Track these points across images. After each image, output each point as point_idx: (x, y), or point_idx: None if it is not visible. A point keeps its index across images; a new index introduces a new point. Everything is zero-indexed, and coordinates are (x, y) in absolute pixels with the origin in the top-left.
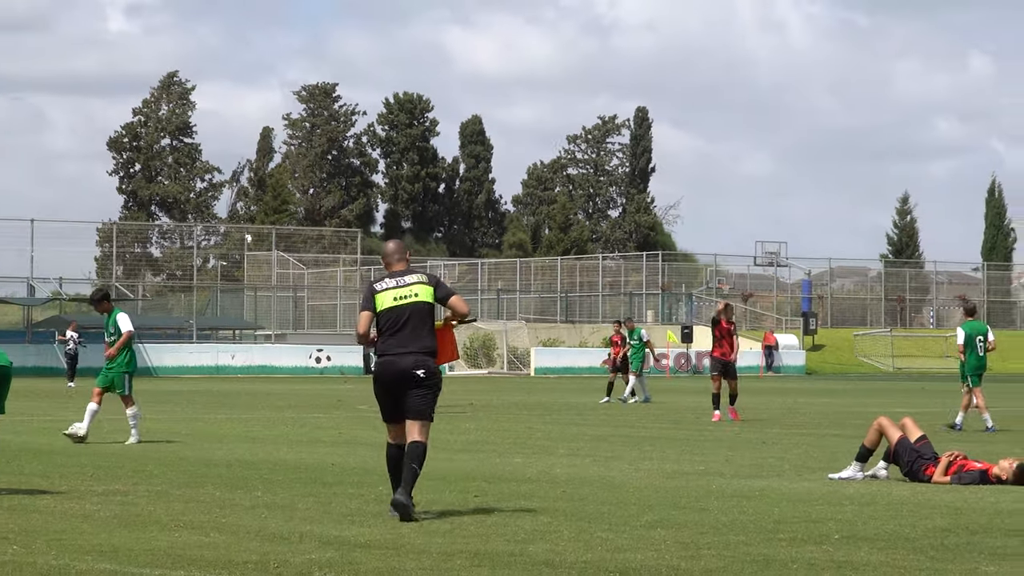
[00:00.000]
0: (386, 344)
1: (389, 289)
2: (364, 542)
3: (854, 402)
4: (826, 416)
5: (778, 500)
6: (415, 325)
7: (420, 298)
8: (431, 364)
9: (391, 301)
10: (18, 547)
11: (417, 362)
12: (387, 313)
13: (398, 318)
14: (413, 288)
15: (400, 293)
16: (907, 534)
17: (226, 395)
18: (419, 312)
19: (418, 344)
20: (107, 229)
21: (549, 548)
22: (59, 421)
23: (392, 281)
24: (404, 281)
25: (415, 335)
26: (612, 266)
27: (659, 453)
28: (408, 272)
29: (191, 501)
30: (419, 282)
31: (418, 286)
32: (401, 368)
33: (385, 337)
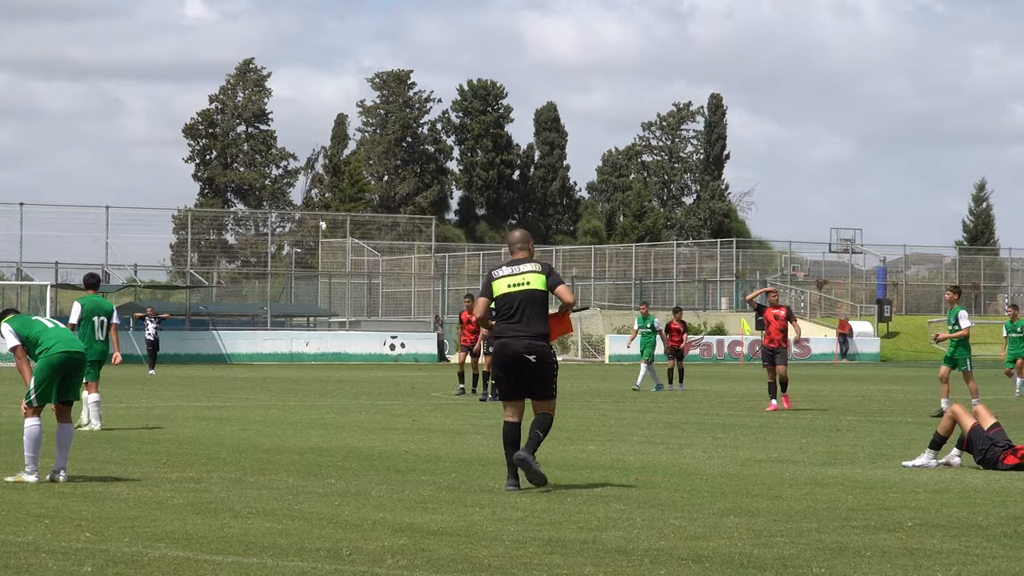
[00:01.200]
0: (501, 328)
1: (504, 276)
2: (436, 529)
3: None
4: (900, 403)
5: (851, 488)
6: (527, 311)
7: (532, 286)
8: (541, 348)
9: (505, 288)
10: (91, 534)
11: (530, 347)
12: (502, 299)
13: (512, 304)
14: (526, 276)
15: (514, 280)
16: (980, 522)
17: (300, 382)
18: (531, 298)
19: (530, 329)
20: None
21: (622, 535)
22: (135, 408)
23: (508, 269)
24: (519, 269)
25: (527, 320)
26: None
27: (732, 440)
28: (526, 261)
29: (264, 488)
30: (532, 271)
31: (531, 275)
32: (514, 351)
33: (501, 321)
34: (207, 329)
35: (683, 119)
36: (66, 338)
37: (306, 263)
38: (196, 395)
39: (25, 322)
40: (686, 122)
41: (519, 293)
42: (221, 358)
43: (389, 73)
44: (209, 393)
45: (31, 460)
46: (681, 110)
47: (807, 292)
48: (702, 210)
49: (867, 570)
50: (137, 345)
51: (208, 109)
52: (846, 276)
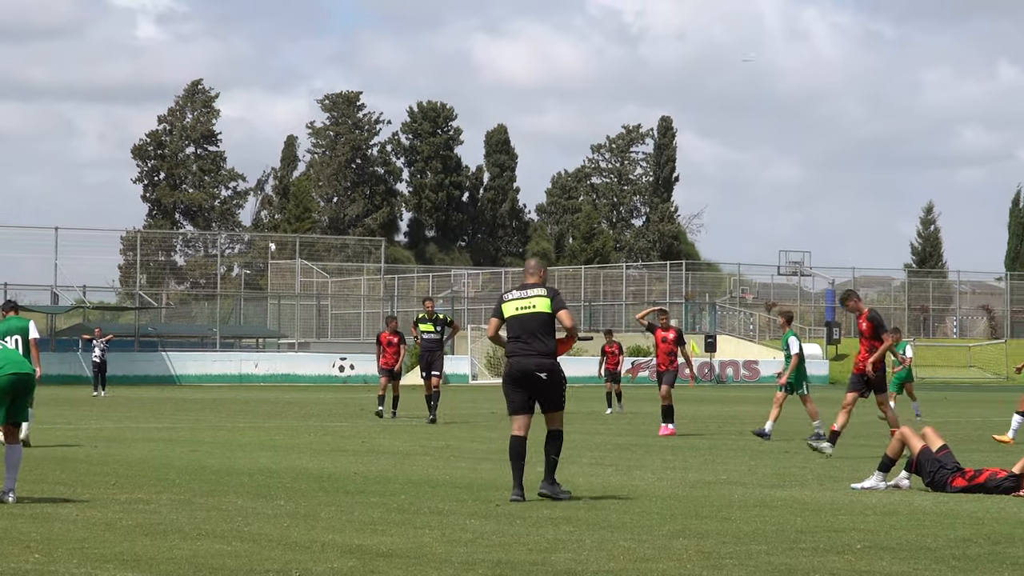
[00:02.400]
0: (512, 347)
1: (513, 300)
2: (386, 551)
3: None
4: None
5: (800, 510)
6: (534, 331)
7: (538, 308)
8: (550, 365)
9: (514, 310)
10: (40, 555)
11: (540, 364)
12: (512, 320)
13: (520, 325)
14: (533, 300)
15: (521, 304)
16: (929, 544)
17: (249, 403)
18: (538, 320)
19: (538, 348)
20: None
21: (571, 557)
22: (83, 429)
23: (518, 292)
24: (528, 293)
25: (535, 340)
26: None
27: (681, 462)
28: (536, 286)
29: (213, 509)
30: (539, 295)
31: (537, 299)
32: (524, 368)
33: (511, 341)
34: (156, 350)
35: (632, 141)
36: (14, 359)
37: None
38: (145, 416)
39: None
40: (636, 144)
41: (527, 315)
42: (170, 379)
43: (339, 95)
44: (158, 414)
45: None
46: (631, 132)
47: (756, 314)
48: (651, 232)
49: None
50: (85, 366)
51: (157, 130)
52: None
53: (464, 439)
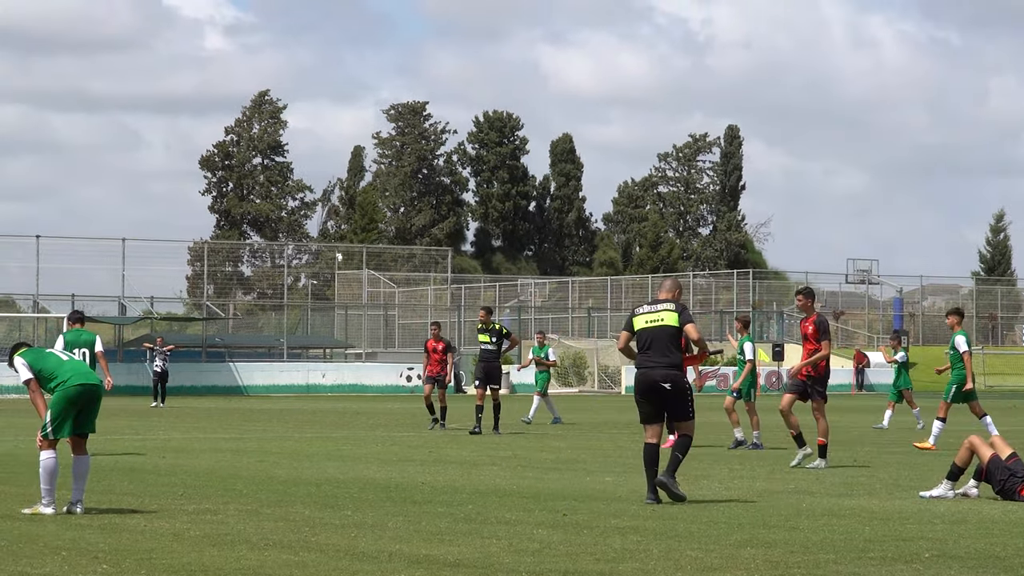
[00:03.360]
0: (641, 359)
1: (643, 314)
2: (453, 561)
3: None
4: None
5: (869, 519)
6: (661, 344)
7: (665, 322)
8: (675, 376)
9: (643, 324)
10: (108, 566)
11: (666, 376)
12: (641, 333)
13: (648, 338)
14: (661, 314)
15: (650, 318)
16: (998, 553)
17: (316, 413)
18: (665, 333)
19: (664, 360)
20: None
21: (639, 567)
22: (150, 440)
23: (648, 307)
24: (657, 308)
25: (662, 352)
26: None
27: (749, 472)
28: (665, 301)
29: (280, 520)
30: (668, 309)
31: (665, 313)
32: (652, 379)
33: (640, 353)
34: (223, 361)
35: (699, 150)
36: (82, 371)
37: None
38: (212, 427)
39: (39, 356)
40: (702, 153)
41: (655, 328)
42: (237, 390)
43: (405, 105)
44: (225, 425)
45: (47, 492)
46: (697, 141)
47: None
48: (718, 241)
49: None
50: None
51: (224, 141)
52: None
53: (532, 449)
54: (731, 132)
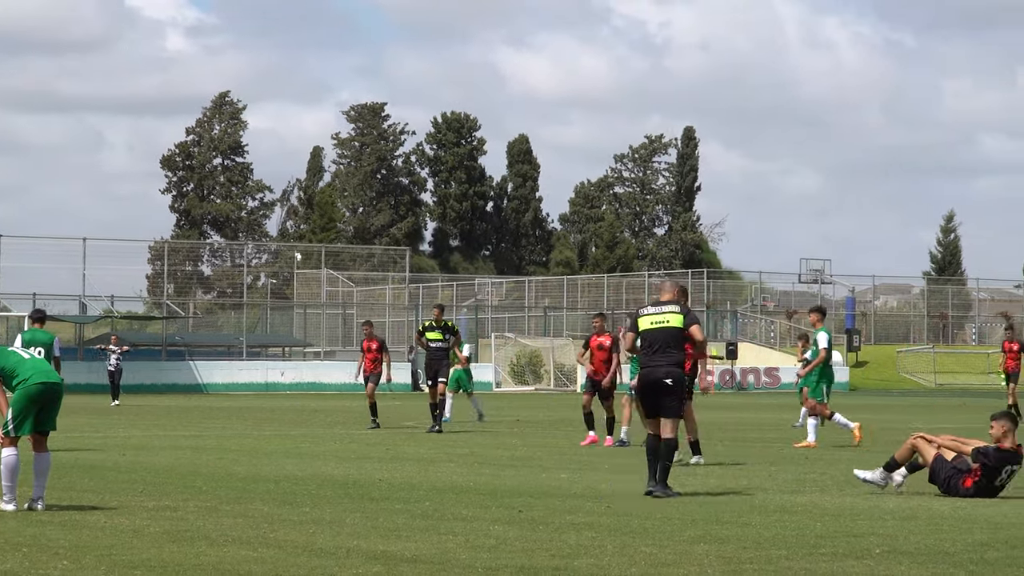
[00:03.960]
0: (645, 359)
1: (649, 315)
2: (410, 557)
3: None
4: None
5: (820, 515)
6: (666, 344)
7: (671, 324)
8: (677, 373)
9: (648, 325)
10: (68, 562)
11: (668, 373)
12: (645, 334)
13: (653, 338)
14: (666, 316)
15: (656, 319)
16: (947, 548)
17: (275, 411)
18: (670, 334)
19: (668, 359)
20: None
21: (593, 563)
22: (111, 438)
23: (653, 309)
24: (662, 310)
25: (666, 352)
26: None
27: (702, 469)
28: (670, 303)
29: (239, 516)
30: (673, 311)
31: (671, 315)
32: (655, 377)
33: (644, 353)
34: (183, 359)
35: (655, 151)
36: (43, 369)
37: (281, 294)
38: (172, 424)
39: (0, 354)
40: (658, 154)
41: (660, 330)
42: (197, 388)
43: (364, 106)
44: (185, 423)
45: (8, 489)
46: (653, 142)
47: (777, 322)
48: (673, 241)
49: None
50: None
51: (185, 141)
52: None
53: (488, 446)
54: (688, 133)
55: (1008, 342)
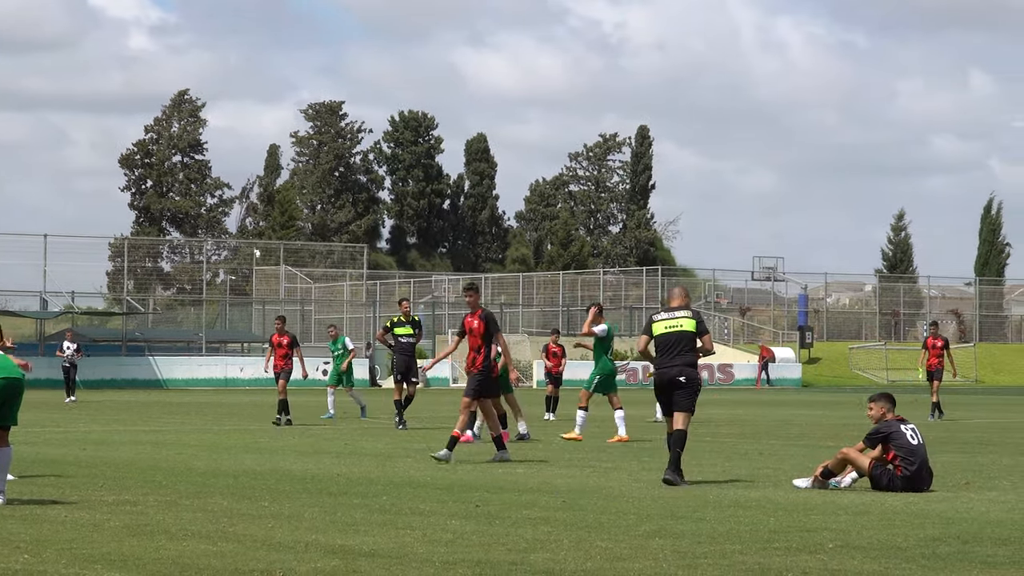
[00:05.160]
0: (660, 360)
1: (663, 320)
2: (368, 551)
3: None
4: (821, 428)
5: (773, 510)
6: (680, 346)
7: (684, 328)
8: (691, 372)
9: (663, 329)
10: (29, 556)
11: (682, 371)
12: (660, 337)
13: (667, 341)
14: (680, 320)
15: (669, 324)
16: (899, 543)
17: (234, 407)
18: (684, 337)
19: (681, 360)
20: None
21: (549, 557)
22: (71, 432)
23: (666, 314)
24: (675, 315)
25: (680, 353)
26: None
27: (658, 464)
28: (681, 308)
29: (199, 511)
30: (685, 316)
31: (684, 320)
32: (670, 376)
33: (659, 355)
34: (143, 355)
35: (610, 150)
36: (4, 364)
37: (241, 290)
38: (132, 419)
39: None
40: (613, 153)
41: (674, 333)
42: (157, 383)
43: (322, 104)
44: (145, 418)
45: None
46: (608, 141)
47: (730, 319)
48: (628, 239)
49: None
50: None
51: (144, 139)
52: (768, 303)
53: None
54: (642, 132)
55: (932, 338)
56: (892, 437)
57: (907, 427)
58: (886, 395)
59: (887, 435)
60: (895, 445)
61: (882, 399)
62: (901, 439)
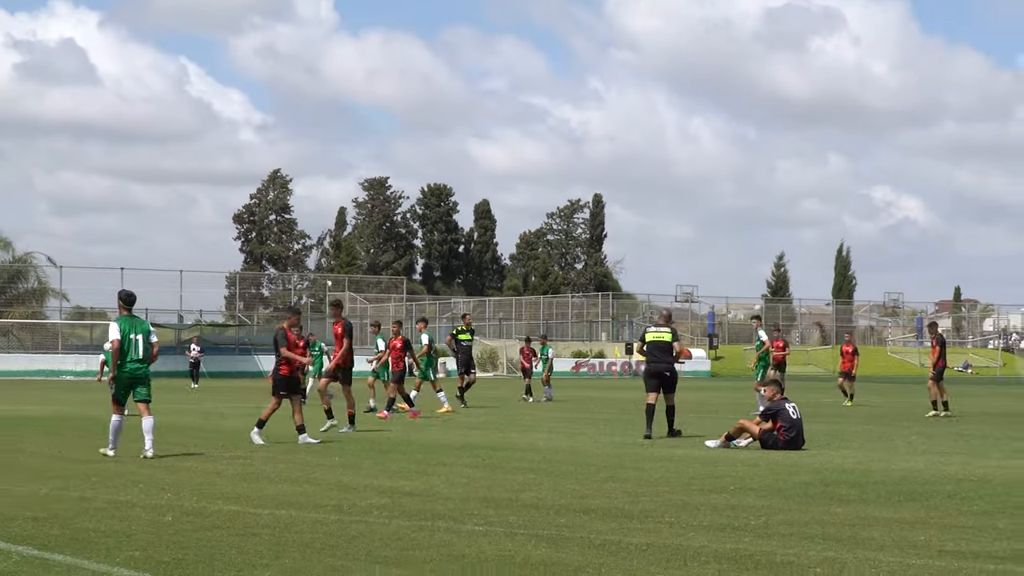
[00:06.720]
0: (650, 359)
1: (653, 332)
2: (408, 491)
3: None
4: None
5: (692, 462)
6: (663, 350)
7: (665, 338)
8: (670, 368)
9: (652, 337)
10: (171, 495)
11: (666, 367)
12: (651, 344)
13: (656, 346)
14: (663, 334)
15: (656, 335)
16: (781, 486)
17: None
18: (666, 344)
19: (666, 358)
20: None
21: (534, 495)
22: (199, 409)
23: (655, 328)
24: (660, 329)
25: (664, 355)
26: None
27: (610, 430)
28: (663, 326)
29: (290, 463)
30: (666, 331)
31: (666, 333)
32: (658, 369)
33: (649, 354)
34: (249, 354)
35: (575, 210)
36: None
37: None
38: (241, 399)
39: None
40: (577, 212)
41: (659, 341)
42: (259, 374)
43: (374, 179)
44: (250, 398)
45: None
46: (573, 204)
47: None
48: (588, 272)
49: (702, 519)
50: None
51: (249, 203)
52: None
53: (460, 414)
54: (597, 198)
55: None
56: (779, 413)
57: (790, 404)
58: (776, 382)
59: (776, 412)
60: (780, 418)
61: (773, 385)
62: (785, 414)
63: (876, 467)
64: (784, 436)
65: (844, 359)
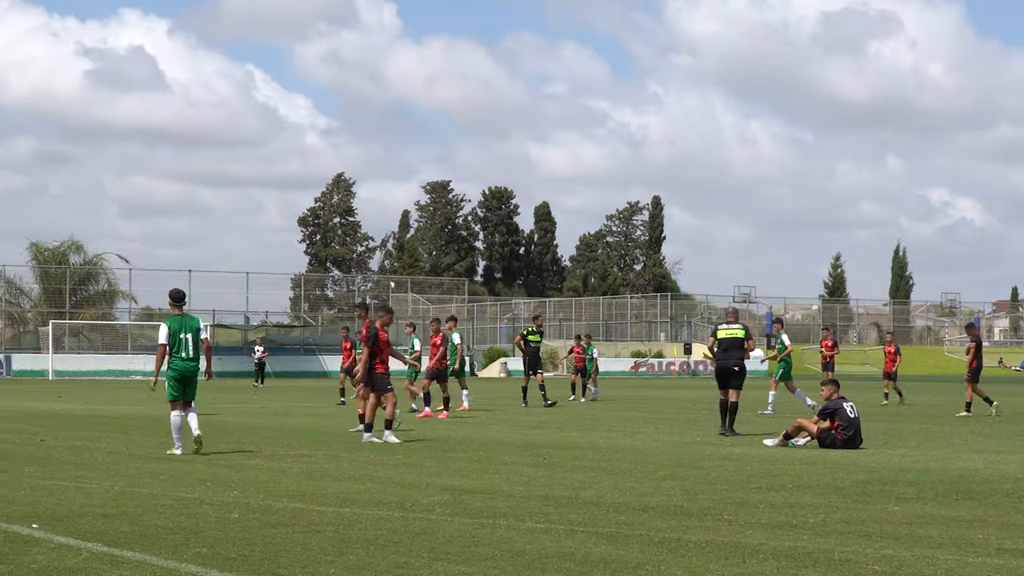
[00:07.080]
0: (720, 355)
1: (724, 328)
2: (469, 489)
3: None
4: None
5: (750, 461)
6: (734, 347)
7: (738, 335)
8: (740, 363)
9: (724, 334)
10: (237, 492)
11: (736, 364)
12: (722, 340)
13: (726, 343)
14: (735, 330)
15: (728, 331)
16: (839, 484)
17: None
18: (738, 341)
19: (736, 355)
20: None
21: (594, 493)
22: (265, 408)
23: (726, 325)
24: (732, 326)
25: (735, 351)
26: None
27: (669, 429)
28: (735, 322)
29: (353, 461)
30: (739, 327)
31: (738, 329)
32: (728, 366)
33: (721, 350)
34: (314, 355)
35: (634, 212)
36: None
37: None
38: (306, 399)
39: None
40: (636, 215)
41: (731, 338)
42: (323, 374)
43: (436, 182)
44: (315, 398)
45: (177, 439)
46: (633, 206)
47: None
48: (647, 274)
49: (760, 517)
50: None
51: (314, 207)
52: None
53: (521, 414)
54: (656, 200)
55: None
56: (837, 412)
57: (847, 404)
58: (834, 381)
59: (834, 411)
60: (838, 417)
61: (831, 384)
62: (843, 413)
63: (933, 466)
64: (842, 435)
65: (887, 359)
